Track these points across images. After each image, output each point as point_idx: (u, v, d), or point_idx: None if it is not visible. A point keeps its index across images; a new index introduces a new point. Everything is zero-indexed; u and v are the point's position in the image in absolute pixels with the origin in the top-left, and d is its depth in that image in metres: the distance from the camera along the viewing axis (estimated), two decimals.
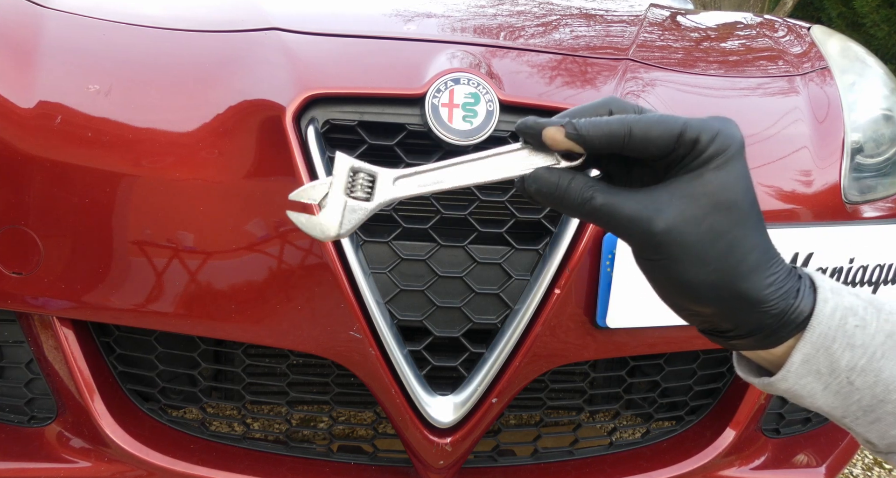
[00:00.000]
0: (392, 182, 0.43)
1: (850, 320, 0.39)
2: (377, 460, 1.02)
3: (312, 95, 0.84)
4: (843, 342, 0.39)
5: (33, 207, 0.86)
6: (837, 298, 0.40)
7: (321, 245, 0.83)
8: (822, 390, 0.40)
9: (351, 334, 0.86)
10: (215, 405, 1.07)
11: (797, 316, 0.39)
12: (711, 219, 0.38)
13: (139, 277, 0.86)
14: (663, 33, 1.20)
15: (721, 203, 0.38)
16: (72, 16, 0.97)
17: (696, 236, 0.38)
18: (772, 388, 0.41)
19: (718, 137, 0.38)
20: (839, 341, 0.39)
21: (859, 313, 0.40)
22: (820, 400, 0.40)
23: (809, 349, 0.39)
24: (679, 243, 0.38)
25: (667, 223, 0.38)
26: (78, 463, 0.98)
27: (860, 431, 0.41)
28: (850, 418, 0.41)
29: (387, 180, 0.43)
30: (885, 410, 0.39)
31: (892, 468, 1.73)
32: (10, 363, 0.99)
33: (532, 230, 0.90)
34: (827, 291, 0.40)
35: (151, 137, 0.86)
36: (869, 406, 0.39)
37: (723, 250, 0.38)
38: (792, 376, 0.40)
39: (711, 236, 0.38)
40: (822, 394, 0.40)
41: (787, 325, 0.40)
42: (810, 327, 0.39)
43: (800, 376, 0.40)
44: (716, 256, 0.38)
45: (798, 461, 1.14)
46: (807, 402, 0.41)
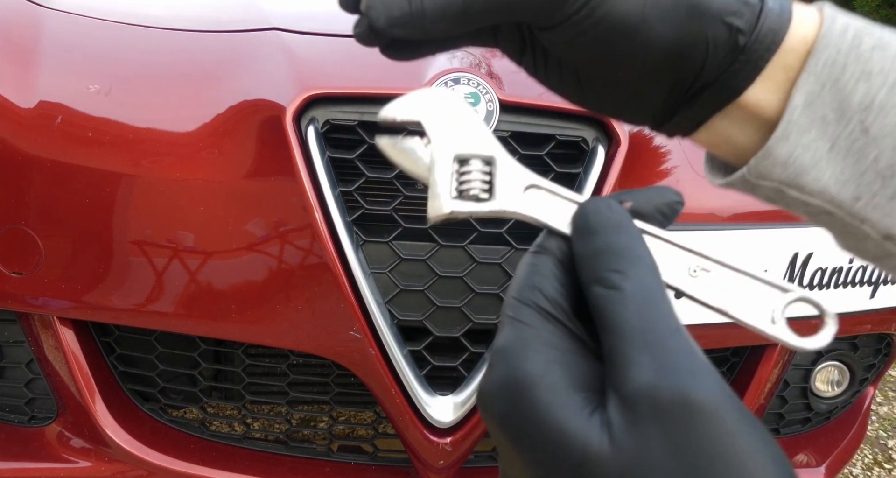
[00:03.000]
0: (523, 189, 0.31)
1: (865, 40, 0.29)
2: (377, 460, 1.02)
3: (312, 95, 0.84)
4: (856, 70, 0.29)
5: (34, 207, 0.86)
6: (847, 18, 0.30)
7: (321, 245, 0.83)
8: (829, 151, 0.30)
9: (351, 334, 0.86)
10: (215, 405, 1.07)
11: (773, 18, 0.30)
12: None
13: (139, 277, 0.87)
14: None
15: None
16: (72, 16, 0.97)
17: None
18: (768, 161, 0.31)
19: None
20: (851, 69, 0.29)
21: (876, 33, 0.30)
22: (826, 171, 0.30)
23: (813, 84, 0.29)
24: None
25: None
26: (78, 463, 0.98)
27: (878, 217, 0.30)
28: (865, 199, 0.30)
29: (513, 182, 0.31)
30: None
31: (892, 468, 1.73)
32: (10, 363, 0.99)
33: (532, 230, 0.90)
34: (834, 9, 0.31)
35: (151, 137, 0.86)
36: (889, 168, 0.29)
37: None
38: (794, 129, 0.30)
39: None
40: (829, 158, 0.30)
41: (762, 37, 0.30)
42: (815, 53, 0.29)
43: (802, 129, 0.30)
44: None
45: (798, 461, 1.14)
46: (811, 178, 0.30)
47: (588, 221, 0.28)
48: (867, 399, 1.22)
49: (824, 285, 0.95)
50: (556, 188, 0.31)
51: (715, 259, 0.29)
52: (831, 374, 1.14)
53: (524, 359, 0.25)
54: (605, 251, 0.27)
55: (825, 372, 1.13)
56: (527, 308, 0.26)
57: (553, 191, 0.30)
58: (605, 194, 0.87)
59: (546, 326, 0.26)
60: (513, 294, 0.28)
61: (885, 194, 0.30)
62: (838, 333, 1.01)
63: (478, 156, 0.30)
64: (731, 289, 0.29)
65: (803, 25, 0.30)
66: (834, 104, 0.29)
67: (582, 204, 0.29)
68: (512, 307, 0.27)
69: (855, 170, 0.30)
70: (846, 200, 0.30)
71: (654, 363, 0.23)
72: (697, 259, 0.29)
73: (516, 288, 0.28)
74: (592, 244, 0.27)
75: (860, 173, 0.30)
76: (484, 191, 0.30)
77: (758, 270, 0.29)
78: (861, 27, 0.30)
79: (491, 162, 0.31)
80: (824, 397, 1.15)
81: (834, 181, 0.30)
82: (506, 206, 0.30)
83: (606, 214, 0.28)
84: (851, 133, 0.29)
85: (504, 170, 0.30)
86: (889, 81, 0.29)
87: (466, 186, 0.30)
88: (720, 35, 0.29)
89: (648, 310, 0.24)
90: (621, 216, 0.28)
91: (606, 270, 0.26)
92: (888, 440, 1.85)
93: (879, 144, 0.29)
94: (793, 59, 0.30)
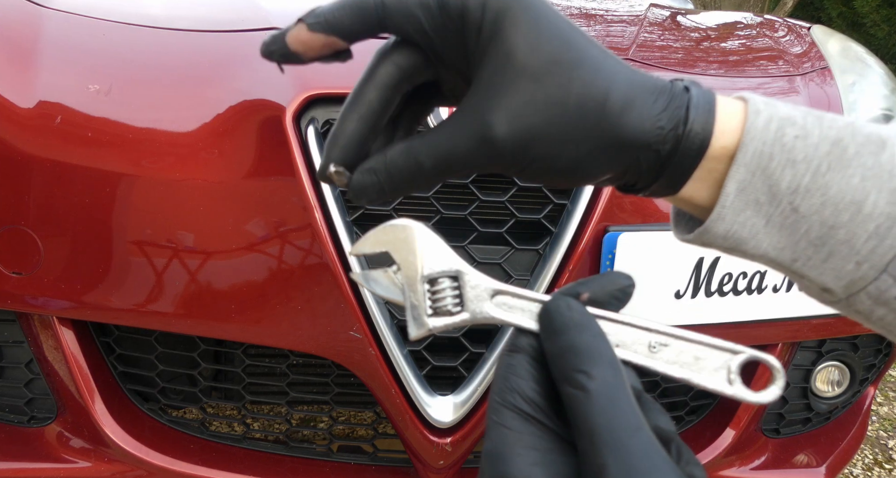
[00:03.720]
0: (489, 297, 0.34)
1: (788, 131, 0.32)
2: (377, 460, 1.02)
3: (312, 95, 0.84)
4: (781, 159, 0.32)
5: (34, 208, 0.86)
6: (771, 109, 0.33)
7: (321, 245, 0.83)
8: (765, 226, 0.33)
9: (351, 334, 0.86)
10: (215, 405, 1.07)
11: (693, 138, 0.33)
12: (544, 90, 0.31)
13: (139, 277, 0.86)
14: (663, 33, 1.20)
15: (540, 66, 0.31)
16: (72, 16, 0.97)
17: (544, 117, 0.31)
18: (709, 235, 0.34)
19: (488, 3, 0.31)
20: (777, 158, 0.32)
21: (798, 122, 0.33)
22: (764, 241, 0.34)
23: (744, 174, 0.32)
24: (532, 136, 0.31)
25: (502, 125, 0.31)
26: (78, 463, 0.98)
27: (815, 275, 0.34)
28: (802, 261, 0.34)
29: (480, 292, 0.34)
30: (836, 239, 0.32)
31: (892, 468, 1.73)
32: (10, 363, 0.99)
33: (532, 230, 0.90)
34: (759, 103, 0.33)
35: (151, 137, 0.86)
36: (819, 238, 0.33)
37: (576, 114, 0.31)
38: (728, 212, 0.33)
39: (559, 109, 0.31)
40: (766, 231, 0.33)
41: (686, 152, 0.33)
42: (742, 147, 0.32)
43: (737, 210, 0.33)
44: (576, 124, 0.31)
45: (798, 461, 1.14)
46: (750, 247, 0.34)
47: (552, 321, 0.31)
48: (867, 399, 1.22)
49: None
50: (519, 291, 0.34)
51: (670, 333, 0.32)
52: (832, 374, 1.14)
53: (509, 464, 0.27)
54: (569, 350, 0.29)
55: (825, 372, 1.13)
56: (508, 411, 0.29)
57: (517, 294, 0.34)
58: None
59: (526, 428, 0.29)
60: (495, 397, 0.30)
61: (818, 258, 0.33)
62: (839, 334, 1.01)
63: (444, 273, 0.34)
64: (688, 357, 0.32)
65: (724, 133, 0.33)
66: (764, 188, 0.33)
67: (545, 304, 0.32)
68: (495, 411, 0.30)
69: (790, 240, 0.33)
70: (785, 261, 0.34)
71: (617, 466, 0.25)
72: (655, 336, 0.32)
73: (497, 390, 0.30)
74: (558, 343, 0.30)
75: (795, 242, 0.33)
76: (455, 305, 0.34)
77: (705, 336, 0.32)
78: (785, 117, 0.33)
79: (458, 276, 0.34)
80: (824, 397, 1.15)
81: (772, 248, 0.34)
82: (477, 314, 0.34)
83: (567, 313, 0.31)
84: (783, 212, 0.33)
85: (470, 282, 0.34)
86: (812, 167, 0.32)
87: (440, 303, 0.34)
88: (650, 157, 0.33)
89: (612, 410, 0.27)
90: (580, 315, 0.31)
91: (572, 370, 0.28)
92: (888, 440, 1.85)
93: (809, 220, 0.33)
94: (716, 165, 0.33)
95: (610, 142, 0.32)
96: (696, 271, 0.89)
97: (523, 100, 0.31)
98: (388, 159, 0.34)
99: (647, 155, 0.33)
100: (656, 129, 0.32)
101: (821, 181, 0.32)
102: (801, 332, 1.00)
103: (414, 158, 0.33)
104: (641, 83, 0.33)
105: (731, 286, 0.91)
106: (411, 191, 0.35)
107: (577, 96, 0.31)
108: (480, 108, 0.32)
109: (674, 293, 0.90)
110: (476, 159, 0.33)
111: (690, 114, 0.33)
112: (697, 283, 0.90)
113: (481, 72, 0.32)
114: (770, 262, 0.35)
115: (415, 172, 0.34)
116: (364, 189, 0.34)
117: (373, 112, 0.35)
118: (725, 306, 0.92)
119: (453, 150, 0.33)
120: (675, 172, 0.34)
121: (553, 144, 0.32)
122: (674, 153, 0.33)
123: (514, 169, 0.33)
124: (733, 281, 0.91)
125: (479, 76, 0.32)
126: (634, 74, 0.33)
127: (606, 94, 0.32)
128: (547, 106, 0.31)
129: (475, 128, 0.32)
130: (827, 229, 0.32)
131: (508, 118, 0.31)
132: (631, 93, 0.32)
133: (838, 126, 0.33)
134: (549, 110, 0.31)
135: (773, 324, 0.96)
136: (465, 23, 0.31)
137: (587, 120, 0.32)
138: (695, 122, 0.33)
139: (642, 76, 0.33)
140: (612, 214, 0.88)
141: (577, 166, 0.33)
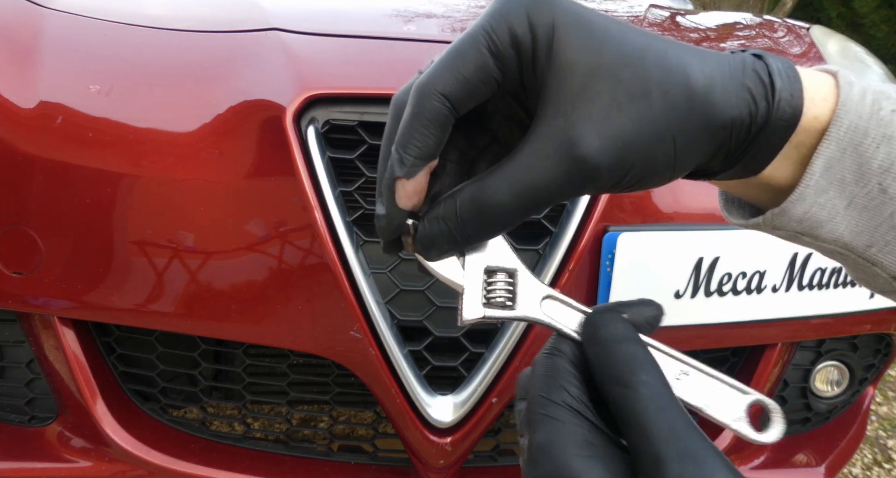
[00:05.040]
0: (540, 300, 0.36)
1: (884, 105, 0.30)
2: (377, 460, 1.02)
3: (312, 95, 0.84)
4: (877, 135, 0.29)
5: (34, 208, 0.86)
6: (864, 82, 0.31)
7: (321, 245, 0.83)
8: (846, 208, 0.31)
9: (351, 334, 0.86)
10: (216, 405, 1.07)
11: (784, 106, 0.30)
12: (623, 86, 0.28)
13: (140, 277, 0.87)
14: (663, 34, 1.20)
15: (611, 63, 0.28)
16: (72, 16, 0.97)
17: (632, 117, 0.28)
18: (785, 218, 0.32)
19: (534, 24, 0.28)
20: (873, 134, 0.29)
21: (893, 96, 0.30)
22: (842, 224, 0.31)
23: (834, 150, 0.30)
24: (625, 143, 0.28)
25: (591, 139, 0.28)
26: (78, 463, 0.98)
27: (889, 262, 0.32)
28: (879, 246, 0.31)
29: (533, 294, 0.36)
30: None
31: (891, 468, 1.73)
32: (10, 363, 0.99)
33: (532, 230, 0.90)
34: (850, 75, 0.31)
35: (152, 137, 0.86)
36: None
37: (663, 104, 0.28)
38: (811, 191, 0.30)
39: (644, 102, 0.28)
40: (845, 214, 0.31)
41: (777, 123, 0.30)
42: (836, 120, 0.29)
43: (820, 190, 0.30)
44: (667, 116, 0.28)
45: (797, 461, 1.14)
46: (826, 230, 0.31)
47: (598, 332, 0.31)
48: (867, 399, 1.22)
49: (824, 285, 0.95)
50: (568, 300, 0.36)
51: (694, 365, 0.34)
52: (831, 374, 1.14)
53: (568, 456, 0.28)
54: (618, 357, 0.30)
55: (825, 372, 1.13)
56: (557, 406, 0.29)
57: (565, 301, 0.36)
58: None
59: (578, 422, 0.29)
60: (540, 392, 0.30)
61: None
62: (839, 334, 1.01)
63: (503, 269, 0.35)
64: (706, 389, 0.34)
65: (815, 103, 0.30)
66: (854, 167, 0.30)
67: (590, 315, 0.33)
68: (543, 405, 0.30)
69: (870, 223, 0.31)
70: (858, 246, 0.32)
71: (674, 455, 0.26)
72: (681, 365, 0.34)
73: (542, 387, 0.30)
74: (605, 351, 0.30)
75: (875, 226, 0.31)
76: (508, 299, 0.35)
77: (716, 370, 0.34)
78: (878, 91, 0.30)
79: (513, 274, 0.36)
80: (824, 397, 1.15)
81: (848, 232, 0.31)
82: (527, 313, 0.35)
83: (616, 324, 0.31)
84: (869, 193, 0.30)
85: (525, 282, 0.36)
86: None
87: (494, 295, 0.35)
88: (741, 134, 0.30)
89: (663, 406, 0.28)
90: (627, 328, 0.31)
91: (622, 373, 0.29)
92: (888, 440, 1.85)
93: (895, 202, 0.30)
94: (806, 138, 0.31)
95: (704, 126, 0.29)
96: (696, 271, 0.90)
97: (604, 103, 0.28)
98: (458, 203, 0.30)
99: (738, 131, 0.30)
100: (746, 100, 0.29)
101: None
102: (801, 332, 1.00)
103: (489, 196, 0.30)
104: (713, 56, 0.30)
105: (730, 286, 0.91)
106: (486, 236, 0.32)
107: (658, 84, 0.28)
108: (559, 126, 0.28)
109: (673, 293, 0.90)
110: (566, 186, 0.29)
111: (776, 81, 0.30)
112: (697, 283, 0.90)
113: (548, 92, 0.29)
114: (842, 247, 0.32)
115: (492, 212, 0.30)
116: (434, 240, 0.32)
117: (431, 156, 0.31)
118: (725, 306, 0.92)
119: (536, 179, 0.29)
120: (764, 148, 0.31)
121: (649, 144, 0.28)
122: (765, 125, 0.30)
123: (609, 184, 0.29)
124: (733, 281, 0.91)
125: (546, 95, 0.29)
126: (701, 51, 0.30)
127: (686, 75, 0.29)
128: (631, 102, 0.28)
129: (559, 149, 0.28)
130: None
131: (596, 129, 0.28)
132: (707, 68, 0.29)
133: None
134: (634, 107, 0.28)
135: (773, 324, 0.96)
136: (521, 53, 0.28)
137: (677, 109, 0.28)
138: (782, 89, 0.30)
139: (709, 51, 0.31)
140: (612, 213, 0.88)
141: (674, 163, 0.30)
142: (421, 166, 0.30)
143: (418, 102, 0.29)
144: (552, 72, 0.28)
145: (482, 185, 0.30)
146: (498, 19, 0.28)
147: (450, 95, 0.29)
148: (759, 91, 0.30)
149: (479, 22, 0.29)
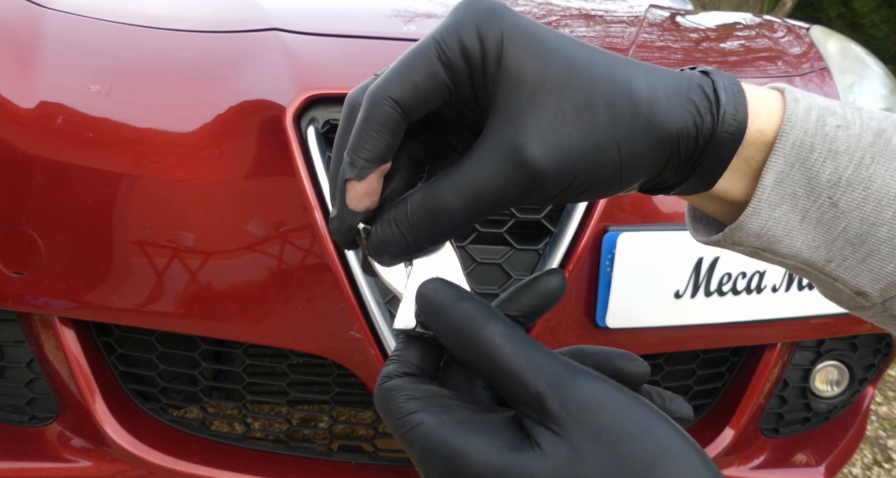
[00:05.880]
0: None
1: (829, 121, 0.31)
2: (377, 460, 1.02)
3: (312, 95, 0.84)
4: (823, 149, 0.30)
5: (34, 208, 0.86)
6: (810, 99, 0.31)
7: (321, 245, 0.83)
8: (801, 222, 0.32)
9: (351, 334, 0.86)
10: (216, 405, 1.07)
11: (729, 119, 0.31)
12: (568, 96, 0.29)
13: (140, 277, 0.87)
14: (663, 34, 1.20)
15: (557, 74, 0.29)
16: (72, 16, 0.97)
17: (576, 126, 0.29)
18: (742, 233, 0.33)
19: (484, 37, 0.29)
20: (819, 149, 0.30)
21: (838, 112, 0.31)
22: (798, 239, 0.32)
23: (782, 165, 0.31)
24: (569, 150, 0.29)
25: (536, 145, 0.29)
26: (79, 463, 0.98)
27: (850, 278, 0.32)
28: (837, 261, 0.32)
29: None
30: (877, 237, 0.31)
31: (891, 468, 1.73)
32: (11, 363, 0.99)
33: (532, 230, 0.90)
34: (796, 92, 0.32)
35: (152, 138, 0.86)
36: (858, 237, 0.31)
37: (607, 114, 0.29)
38: (764, 206, 0.31)
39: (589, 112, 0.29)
40: (801, 229, 0.32)
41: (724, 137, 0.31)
42: (782, 135, 0.31)
43: (773, 205, 0.31)
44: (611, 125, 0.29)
45: (797, 461, 1.14)
46: (784, 245, 0.32)
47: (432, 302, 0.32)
48: (866, 399, 1.22)
49: None
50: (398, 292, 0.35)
51: None
52: (831, 374, 1.14)
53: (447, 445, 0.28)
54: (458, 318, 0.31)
55: (824, 372, 1.13)
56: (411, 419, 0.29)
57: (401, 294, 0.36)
58: None
59: (436, 412, 0.29)
60: (390, 420, 0.30)
61: (854, 258, 0.32)
62: (838, 333, 1.01)
63: None
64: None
65: (759, 117, 0.31)
66: (803, 181, 0.31)
67: (417, 290, 0.33)
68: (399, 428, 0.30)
69: (826, 238, 0.32)
70: (818, 262, 0.33)
71: (551, 385, 0.27)
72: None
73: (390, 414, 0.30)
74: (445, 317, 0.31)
75: (831, 241, 0.32)
76: None
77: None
78: (823, 107, 0.31)
79: None
80: (824, 397, 1.15)
81: (806, 247, 0.32)
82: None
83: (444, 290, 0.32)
84: (821, 207, 0.31)
85: None
86: (855, 159, 0.30)
87: None
88: (689, 146, 0.31)
89: (525, 347, 0.29)
90: (456, 289, 0.32)
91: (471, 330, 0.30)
92: (887, 440, 1.85)
93: (848, 216, 0.31)
94: (754, 152, 0.32)
95: (649, 136, 0.30)
96: (696, 271, 0.90)
97: (550, 112, 0.29)
98: (409, 206, 0.31)
99: (686, 143, 0.31)
100: (691, 113, 0.31)
101: (864, 174, 0.30)
102: (801, 332, 1.01)
103: (439, 198, 0.30)
104: (659, 72, 0.31)
105: (730, 286, 0.92)
106: (438, 240, 0.32)
107: (603, 95, 0.29)
108: (507, 133, 0.29)
109: (673, 293, 0.90)
110: (512, 190, 0.30)
111: (721, 95, 0.31)
112: (697, 283, 0.90)
113: (497, 100, 0.30)
114: (803, 263, 0.33)
115: (441, 215, 0.31)
116: (386, 243, 0.32)
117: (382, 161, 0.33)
118: (725, 306, 0.92)
119: (484, 184, 0.30)
120: (714, 160, 0.32)
121: (593, 152, 0.30)
122: (712, 138, 0.31)
123: (556, 191, 0.30)
124: (732, 281, 0.91)
125: (496, 105, 0.30)
126: (647, 66, 0.32)
127: (631, 88, 0.30)
128: (576, 113, 0.29)
129: (506, 154, 0.29)
130: (867, 227, 0.31)
131: (541, 136, 0.29)
132: (652, 82, 0.31)
133: (878, 117, 0.32)
134: (579, 117, 0.29)
135: (773, 324, 0.96)
136: (471, 64, 0.30)
137: (621, 118, 0.30)
138: (727, 103, 0.31)
139: (655, 67, 0.32)
140: (612, 213, 0.88)
141: (620, 172, 0.31)
142: (372, 169, 0.31)
143: (370, 107, 0.30)
144: (501, 82, 0.30)
145: (433, 188, 0.31)
146: (449, 31, 0.30)
147: (401, 101, 0.30)
148: (703, 104, 0.31)
149: (432, 33, 0.30)
